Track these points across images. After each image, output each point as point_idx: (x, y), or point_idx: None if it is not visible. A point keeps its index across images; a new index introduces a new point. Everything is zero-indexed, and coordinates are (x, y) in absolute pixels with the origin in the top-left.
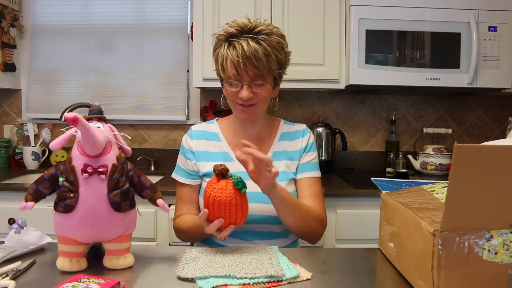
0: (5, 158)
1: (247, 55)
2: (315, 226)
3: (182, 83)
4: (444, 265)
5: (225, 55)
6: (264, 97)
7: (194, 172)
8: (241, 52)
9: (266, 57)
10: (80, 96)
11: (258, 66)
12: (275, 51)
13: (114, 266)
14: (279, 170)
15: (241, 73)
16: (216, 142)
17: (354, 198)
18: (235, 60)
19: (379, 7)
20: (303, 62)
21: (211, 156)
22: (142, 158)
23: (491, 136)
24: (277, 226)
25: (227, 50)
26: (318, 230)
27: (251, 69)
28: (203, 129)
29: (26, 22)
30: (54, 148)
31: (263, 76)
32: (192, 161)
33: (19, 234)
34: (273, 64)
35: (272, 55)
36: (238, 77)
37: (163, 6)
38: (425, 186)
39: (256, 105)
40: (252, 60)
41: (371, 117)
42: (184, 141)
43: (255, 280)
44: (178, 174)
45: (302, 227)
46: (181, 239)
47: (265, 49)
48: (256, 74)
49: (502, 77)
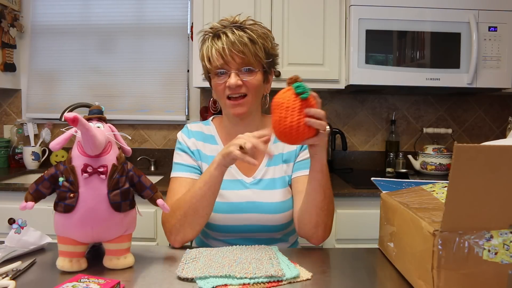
0: (5, 158)
1: (232, 41)
2: (332, 217)
3: (182, 83)
4: (444, 265)
5: (210, 47)
6: (254, 86)
7: (196, 166)
8: (225, 40)
9: (251, 43)
10: (80, 96)
11: (243, 51)
12: (260, 39)
13: (114, 266)
14: (277, 176)
15: (228, 60)
16: (213, 145)
17: (354, 198)
18: (220, 47)
19: (379, 7)
20: (303, 62)
21: (208, 159)
22: (142, 158)
23: (491, 136)
24: (276, 233)
25: (211, 41)
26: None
27: (237, 55)
28: (200, 130)
29: (26, 22)
30: (54, 148)
31: (250, 62)
32: (192, 157)
33: (19, 234)
34: (260, 52)
35: (257, 42)
36: (225, 65)
37: (163, 6)
38: (425, 186)
39: (247, 97)
40: (237, 45)
41: (371, 117)
42: (180, 137)
43: (255, 280)
44: (178, 171)
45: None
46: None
47: (250, 35)
48: (243, 60)
49: (502, 77)
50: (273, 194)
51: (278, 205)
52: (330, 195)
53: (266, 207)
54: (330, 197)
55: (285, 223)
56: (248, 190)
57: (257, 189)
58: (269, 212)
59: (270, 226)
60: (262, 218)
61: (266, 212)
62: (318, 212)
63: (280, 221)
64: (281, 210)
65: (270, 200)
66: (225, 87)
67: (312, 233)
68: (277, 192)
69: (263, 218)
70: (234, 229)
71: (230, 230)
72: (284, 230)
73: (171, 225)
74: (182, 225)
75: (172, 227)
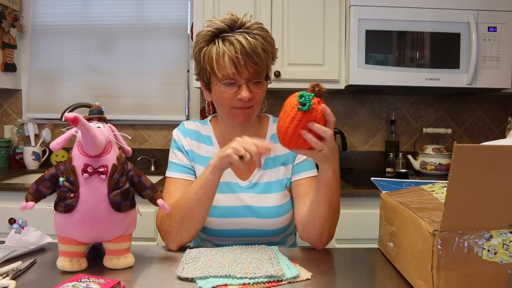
0: (5, 158)
1: (247, 51)
2: (336, 224)
3: (182, 83)
4: (443, 265)
5: (221, 52)
6: (261, 97)
7: (191, 166)
8: (240, 47)
9: (264, 53)
10: (81, 96)
11: (258, 62)
12: (269, 47)
13: (114, 266)
14: (273, 179)
15: (241, 70)
16: (208, 146)
17: (354, 198)
18: (234, 56)
19: (379, 7)
20: (303, 62)
21: (202, 160)
22: (142, 158)
23: (490, 136)
24: (273, 237)
25: (223, 46)
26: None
27: (252, 66)
28: (196, 129)
29: (26, 22)
30: (54, 148)
31: (261, 73)
32: (187, 157)
33: (19, 234)
34: (269, 61)
35: (268, 51)
36: (237, 75)
37: (163, 6)
38: (425, 186)
39: (253, 108)
40: (252, 56)
41: (371, 117)
42: (175, 135)
43: (255, 280)
44: (173, 171)
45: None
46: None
47: (263, 44)
48: (256, 71)
49: (501, 77)
50: (268, 198)
51: (274, 210)
52: (336, 206)
53: (261, 211)
54: (336, 207)
55: (281, 227)
56: (243, 194)
57: (252, 193)
58: (264, 217)
59: (265, 230)
60: (257, 223)
61: (261, 216)
62: (322, 222)
63: (276, 225)
64: (277, 214)
65: (266, 205)
66: (232, 98)
67: (315, 240)
68: (273, 196)
69: (259, 222)
70: (229, 234)
71: (225, 235)
72: (280, 234)
73: (167, 231)
74: (178, 231)
75: (168, 233)
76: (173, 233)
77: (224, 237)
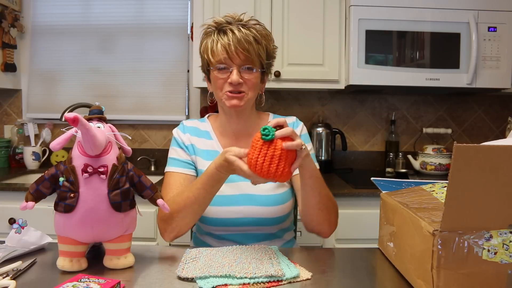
0: (5, 158)
1: (238, 38)
2: (335, 211)
3: (182, 83)
4: (443, 265)
5: (215, 40)
6: (252, 84)
7: (191, 162)
8: (231, 36)
9: (256, 42)
10: (81, 96)
11: (248, 49)
12: (263, 39)
13: (114, 266)
14: None
15: (232, 56)
16: (207, 140)
17: (354, 198)
18: (226, 43)
19: (379, 7)
20: (303, 62)
21: (202, 154)
22: (142, 158)
23: (490, 136)
24: (271, 227)
25: (217, 36)
26: (336, 218)
27: (242, 52)
28: (195, 126)
29: (26, 22)
30: (54, 148)
31: (253, 61)
32: (187, 152)
33: (19, 234)
34: (262, 52)
35: (261, 42)
36: (228, 60)
37: (163, 6)
38: (425, 186)
39: (245, 94)
40: (243, 43)
41: (371, 117)
42: (175, 133)
43: (255, 280)
44: (173, 166)
45: (324, 210)
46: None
47: (255, 35)
48: (247, 57)
49: (501, 77)
50: (268, 186)
51: (273, 197)
52: (326, 195)
53: (261, 199)
54: (327, 196)
55: (280, 216)
56: (242, 182)
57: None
58: (263, 205)
59: (264, 219)
60: (256, 211)
61: (261, 204)
62: (317, 212)
63: (275, 213)
64: (276, 202)
65: (265, 193)
66: (225, 82)
67: (318, 229)
68: (272, 184)
69: (258, 210)
70: (228, 222)
71: (224, 223)
72: (279, 224)
73: (167, 223)
74: (178, 224)
75: (168, 225)
76: (172, 225)
77: (223, 226)
